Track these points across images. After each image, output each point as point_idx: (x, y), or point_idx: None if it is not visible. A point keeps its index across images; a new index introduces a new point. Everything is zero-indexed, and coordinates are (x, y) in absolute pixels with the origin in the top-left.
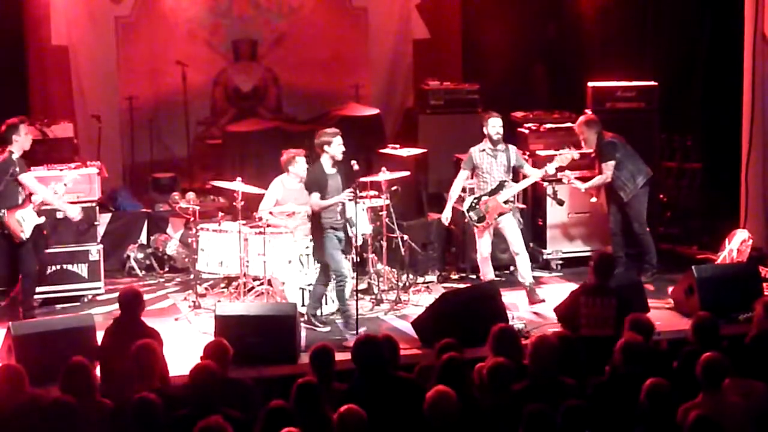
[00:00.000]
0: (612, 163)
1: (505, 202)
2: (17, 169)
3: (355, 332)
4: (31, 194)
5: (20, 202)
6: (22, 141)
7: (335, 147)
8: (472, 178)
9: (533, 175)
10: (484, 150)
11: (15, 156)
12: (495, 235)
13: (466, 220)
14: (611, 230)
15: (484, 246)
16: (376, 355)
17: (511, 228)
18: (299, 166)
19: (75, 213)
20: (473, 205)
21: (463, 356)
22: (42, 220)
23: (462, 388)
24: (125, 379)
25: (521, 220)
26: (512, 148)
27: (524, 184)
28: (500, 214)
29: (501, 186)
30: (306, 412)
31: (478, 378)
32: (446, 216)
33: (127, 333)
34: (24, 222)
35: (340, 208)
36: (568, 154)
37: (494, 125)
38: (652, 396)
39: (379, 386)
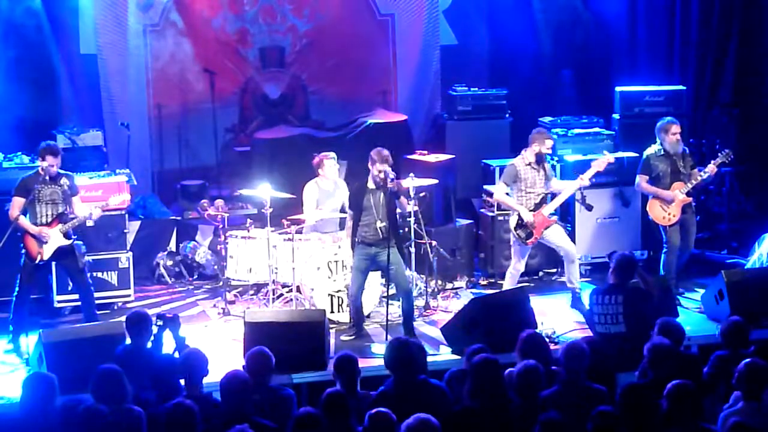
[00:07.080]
0: None
1: (550, 215)
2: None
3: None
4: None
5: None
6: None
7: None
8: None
9: (569, 186)
10: (529, 164)
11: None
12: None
13: (514, 239)
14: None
15: (521, 262)
16: (409, 358)
17: (560, 235)
18: (328, 168)
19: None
20: (520, 222)
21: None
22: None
23: (496, 390)
24: None
25: (567, 227)
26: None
27: (565, 195)
28: (546, 228)
29: (544, 200)
30: (334, 423)
31: (509, 382)
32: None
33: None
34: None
35: (379, 224)
36: (604, 159)
37: (550, 147)
38: (674, 398)
39: (410, 391)
